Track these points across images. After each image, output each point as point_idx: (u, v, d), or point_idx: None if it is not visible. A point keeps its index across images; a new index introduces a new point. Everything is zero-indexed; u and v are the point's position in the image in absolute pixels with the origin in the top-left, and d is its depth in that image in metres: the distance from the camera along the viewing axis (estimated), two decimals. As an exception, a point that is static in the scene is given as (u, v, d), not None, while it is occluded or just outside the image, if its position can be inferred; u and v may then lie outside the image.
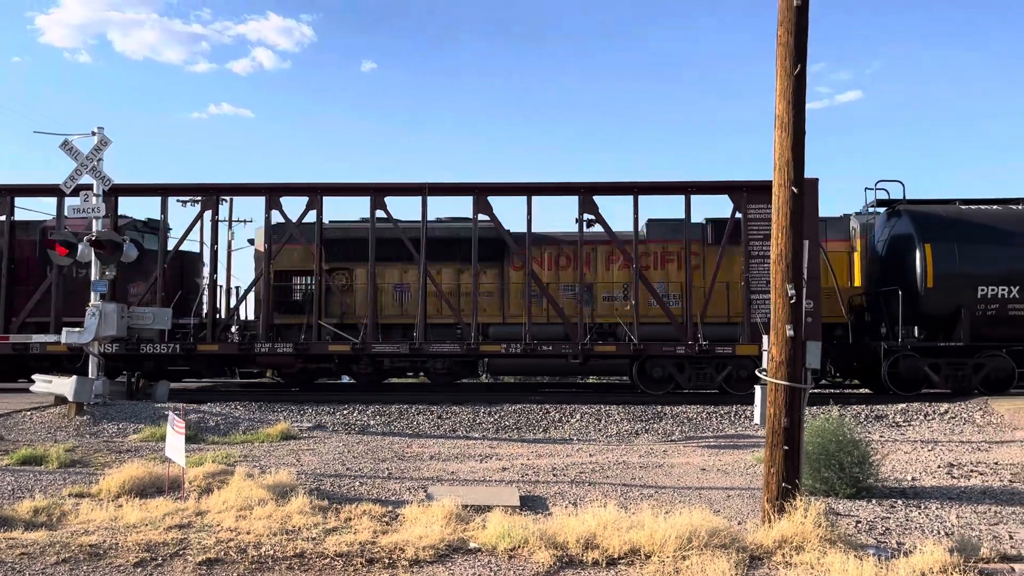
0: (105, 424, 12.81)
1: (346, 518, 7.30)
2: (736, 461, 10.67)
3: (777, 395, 7.05)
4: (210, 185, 18.27)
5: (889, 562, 6.00)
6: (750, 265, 17.16)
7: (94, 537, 6.58)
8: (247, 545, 6.43)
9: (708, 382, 17.36)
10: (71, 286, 17.61)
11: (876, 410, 14.79)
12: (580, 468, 10.04)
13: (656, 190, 18.22)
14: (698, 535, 6.35)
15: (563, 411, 14.81)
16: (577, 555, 6.27)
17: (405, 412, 14.76)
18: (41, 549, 6.26)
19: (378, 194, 17.72)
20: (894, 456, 10.83)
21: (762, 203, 16.72)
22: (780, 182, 7.14)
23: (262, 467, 9.58)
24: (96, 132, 14.04)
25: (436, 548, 6.41)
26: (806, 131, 7.15)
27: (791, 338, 7.02)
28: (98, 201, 14.06)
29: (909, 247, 17.53)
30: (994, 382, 17.13)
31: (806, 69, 7.11)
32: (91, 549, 6.28)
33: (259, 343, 17.46)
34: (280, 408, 14.97)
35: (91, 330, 13.63)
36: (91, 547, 6.32)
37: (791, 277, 7.03)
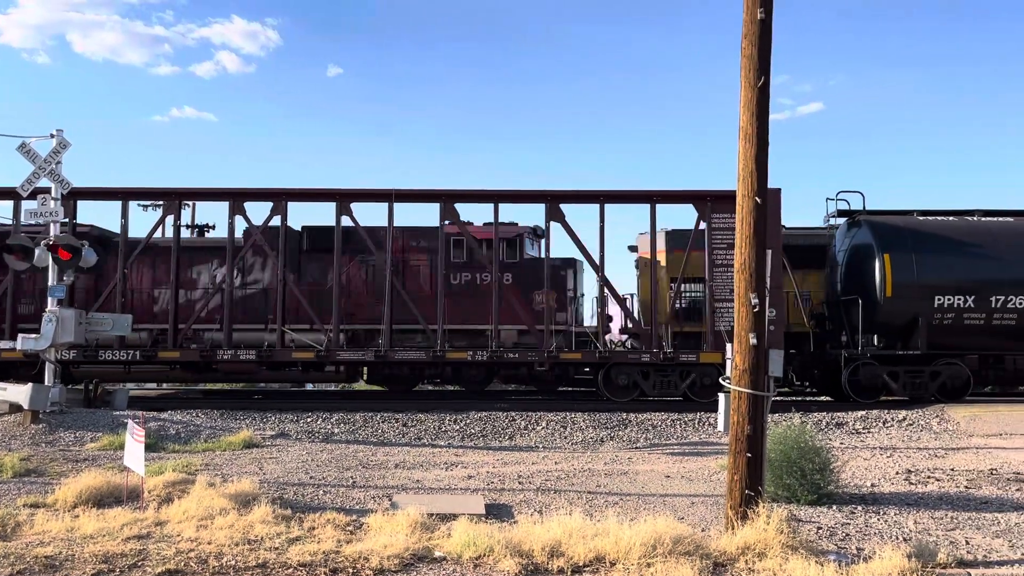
0: (62, 432, 12.54)
1: (310, 527, 7.23)
2: (700, 468, 10.76)
3: (740, 402, 7.13)
4: (172, 189, 18.03)
5: (849, 567, 6.10)
6: (714, 274, 17.34)
7: (50, 548, 6.43)
8: (208, 555, 6.33)
9: (673, 390, 17.49)
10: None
11: (837, 417, 15.01)
12: (546, 476, 10.05)
13: (622, 199, 18.36)
14: (662, 542, 6.39)
15: (529, 419, 14.82)
16: (543, 563, 6.27)
17: (370, 420, 14.66)
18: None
19: (344, 200, 17.62)
20: (854, 463, 11.00)
21: (726, 212, 16.91)
22: (744, 192, 7.24)
23: (224, 476, 9.45)
24: (55, 134, 13.78)
25: (401, 557, 6.36)
26: (769, 142, 7.26)
27: (754, 346, 7.10)
28: (56, 205, 13.79)
29: (869, 257, 17.86)
30: (950, 390, 17.50)
31: (770, 81, 7.23)
32: (47, 560, 6.13)
33: (221, 350, 17.23)
34: (243, 416, 14.78)
35: (48, 336, 13.35)
36: (47, 559, 6.17)
37: (754, 286, 7.12)
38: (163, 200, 18.48)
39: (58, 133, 13.78)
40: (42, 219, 13.86)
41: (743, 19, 7.27)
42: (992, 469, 10.60)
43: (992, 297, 17.23)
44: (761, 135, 7.20)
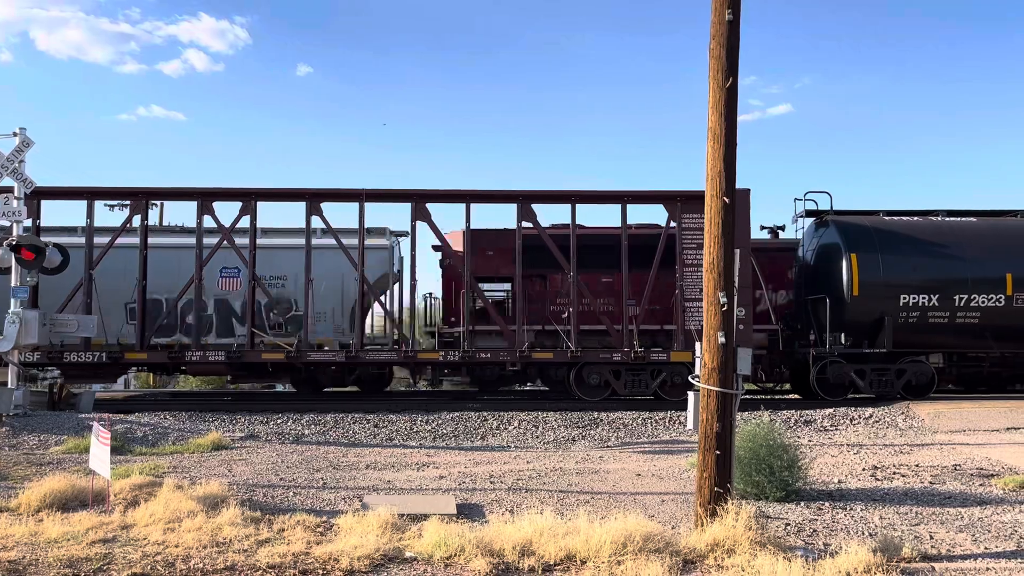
0: (25, 436, 12.33)
1: (279, 529, 7.17)
2: (670, 466, 10.84)
3: (709, 401, 7.19)
4: (139, 189, 17.76)
5: (816, 563, 6.18)
6: (684, 273, 17.46)
7: (13, 553, 6.32)
8: (175, 559, 6.26)
9: (644, 389, 17.59)
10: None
11: (805, 415, 15.20)
12: (517, 475, 10.06)
13: (593, 199, 18.41)
14: (633, 540, 6.43)
15: (501, 418, 14.83)
16: (513, 562, 6.28)
17: (341, 421, 14.57)
18: (-46, 567, 5.99)
19: (314, 199, 17.49)
20: (822, 460, 11.15)
21: (696, 213, 17.04)
22: (712, 192, 7.30)
23: (192, 478, 9.34)
24: (18, 133, 13.54)
25: (371, 558, 6.34)
26: (738, 143, 7.33)
27: (723, 345, 7.17)
28: (19, 204, 13.55)
29: (836, 256, 18.09)
30: (916, 387, 17.77)
31: (738, 82, 7.30)
32: (10, 565, 6.03)
33: (190, 351, 17.03)
34: (212, 418, 14.63)
35: (11, 338, 13.11)
36: (10, 563, 6.07)
37: (723, 285, 7.19)
38: (130, 200, 18.19)
39: (21, 131, 13.55)
40: (4, 219, 13.62)
41: (711, 20, 7.33)
42: (956, 465, 10.79)
43: (956, 296, 17.54)
44: (729, 136, 7.27)
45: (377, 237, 19.52)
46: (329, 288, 18.58)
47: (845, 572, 6.05)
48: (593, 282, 18.04)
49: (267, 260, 17.96)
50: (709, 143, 7.34)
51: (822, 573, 5.97)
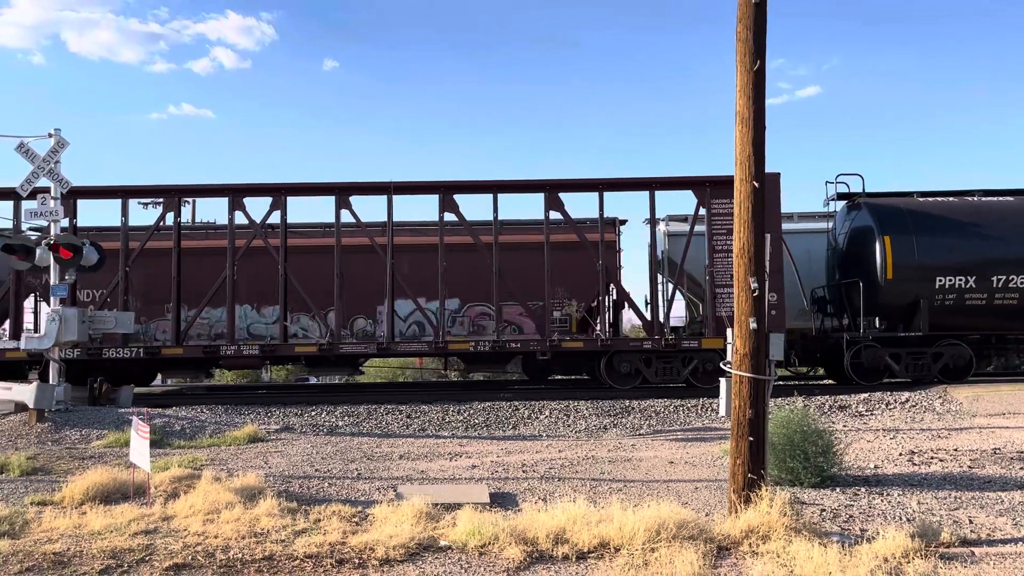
0: (67, 431, 12.58)
1: (315, 519, 7.27)
2: (703, 453, 10.79)
3: (742, 387, 7.15)
4: (172, 187, 18.03)
5: (853, 548, 6.13)
6: (714, 259, 17.35)
7: (58, 545, 6.48)
8: (215, 549, 6.37)
9: (675, 376, 17.53)
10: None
11: (839, 400, 15.05)
12: (549, 464, 10.08)
13: (621, 187, 18.33)
14: (666, 527, 6.43)
15: (532, 408, 14.86)
16: (547, 550, 6.31)
17: (374, 412, 14.70)
18: (4, 559, 6.15)
19: (343, 193, 17.62)
20: (857, 445, 11.04)
21: (725, 198, 16.91)
22: (741, 177, 7.24)
23: (229, 470, 9.49)
24: (53, 134, 13.76)
25: (406, 547, 6.41)
26: (767, 126, 7.25)
27: (755, 330, 7.12)
28: (56, 204, 13.80)
29: (869, 239, 17.84)
30: (953, 370, 17.51)
31: (765, 65, 7.21)
32: (55, 557, 6.18)
33: (225, 346, 17.28)
34: (247, 411, 14.83)
35: (51, 336, 13.38)
36: (55, 555, 6.22)
37: (753, 270, 7.13)
38: (163, 197, 18.49)
39: (56, 132, 13.76)
40: (42, 219, 13.87)
41: (737, 2, 7.25)
42: (995, 448, 10.62)
43: (993, 277, 17.22)
44: (758, 119, 7.19)
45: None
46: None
47: (882, 557, 5.99)
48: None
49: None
50: (737, 127, 7.27)
51: (859, 559, 5.92)
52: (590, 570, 6.00)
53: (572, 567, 6.07)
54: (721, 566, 6.04)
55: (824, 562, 5.79)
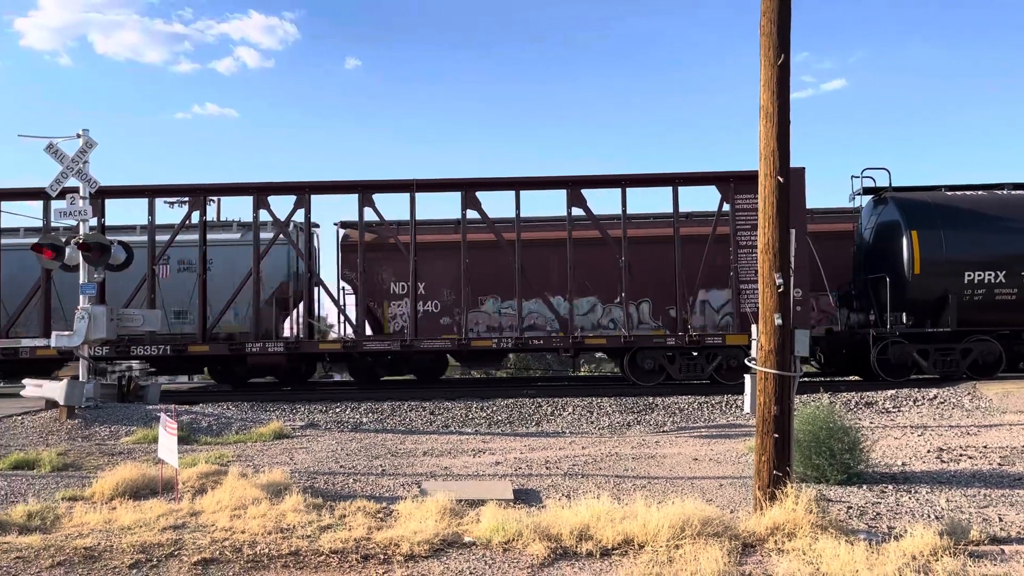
0: (97, 427, 12.77)
1: (340, 515, 7.32)
2: (728, 450, 10.73)
3: (767, 384, 7.10)
4: (197, 186, 18.23)
5: (880, 546, 6.07)
6: (739, 255, 17.25)
7: (89, 540, 6.58)
8: (242, 544, 6.44)
9: (699, 373, 17.45)
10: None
11: (866, 397, 14.90)
12: (573, 461, 10.08)
13: (643, 182, 18.28)
14: (691, 524, 6.40)
15: (555, 404, 14.86)
16: (571, 547, 6.31)
17: (397, 409, 14.77)
18: (36, 553, 6.26)
19: (366, 191, 17.73)
20: (884, 442, 10.92)
21: (749, 193, 16.81)
22: (766, 172, 7.18)
23: (255, 466, 9.58)
24: (81, 134, 13.95)
25: (431, 543, 6.44)
26: (791, 120, 7.19)
27: (779, 326, 7.06)
28: (85, 204, 13.99)
29: (896, 234, 17.64)
30: (982, 366, 17.28)
31: (790, 59, 7.15)
32: (86, 552, 6.28)
33: (250, 343, 17.44)
34: (272, 407, 14.96)
35: (80, 333, 13.57)
36: (86, 550, 6.32)
37: (778, 266, 7.08)
38: (188, 196, 18.70)
39: (84, 133, 13.95)
40: (71, 218, 14.07)
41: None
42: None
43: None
44: (782, 113, 7.13)
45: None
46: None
47: (910, 555, 5.93)
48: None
49: None
50: (761, 122, 7.21)
51: (886, 556, 5.86)
52: (614, 567, 5.99)
53: (596, 564, 6.07)
54: (746, 563, 6.01)
55: (851, 560, 5.74)
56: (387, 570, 5.92)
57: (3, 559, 6.13)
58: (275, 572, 5.93)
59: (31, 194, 18.02)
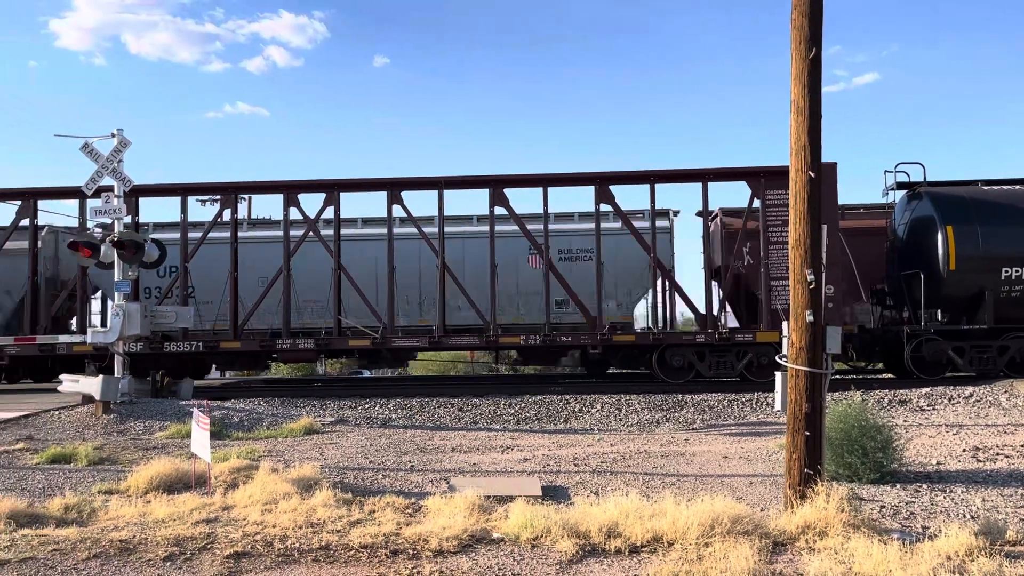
0: (131, 422, 12.97)
1: (370, 510, 7.37)
2: (758, 448, 10.64)
3: (798, 381, 7.04)
4: (228, 184, 18.43)
5: (914, 546, 5.99)
6: (769, 251, 17.07)
7: (124, 532, 6.69)
8: (273, 538, 6.51)
9: (729, 370, 17.30)
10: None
11: (899, 395, 14.69)
12: (601, 458, 10.06)
13: (673, 178, 18.14)
14: (721, 522, 6.36)
15: (583, 401, 14.83)
16: (600, 544, 6.29)
17: (426, 405, 14.84)
18: (72, 545, 6.38)
19: (394, 189, 17.80)
20: (918, 440, 10.77)
21: (780, 189, 16.63)
22: (797, 167, 7.11)
23: (286, 461, 9.68)
24: (115, 134, 14.16)
25: (459, 539, 6.46)
26: (823, 115, 7.11)
27: (811, 323, 6.99)
28: (119, 202, 14.20)
29: (930, 230, 17.35)
30: (1019, 364, 16.94)
31: (821, 52, 7.07)
32: (121, 544, 6.39)
33: (281, 340, 17.60)
34: (303, 403, 15.10)
35: (116, 330, 13.79)
36: (121, 542, 6.43)
37: (810, 262, 7.01)
38: (220, 195, 18.91)
39: (118, 132, 14.16)
40: (106, 216, 14.29)
41: (792, -11, 7.11)
42: (1065, 445, 10.26)
43: (1063, 268, 16.62)
44: (813, 108, 7.05)
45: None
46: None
47: (945, 556, 5.84)
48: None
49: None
50: (792, 116, 7.14)
51: (920, 556, 5.78)
52: (643, 564, 5.97)
53: (625, 561, 6.05)
54: (777, 562, 5.96)
55: (884, 559, 5.67)
56: (416, 566, 5.95)
57: (41, 551, 6.26)
58: (305, 566, 5.99)
59: (68, 193, 18.33)
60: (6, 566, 5.97)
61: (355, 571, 5.87)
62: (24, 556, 6.15)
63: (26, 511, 7.32)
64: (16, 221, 18.46)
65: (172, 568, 5.97)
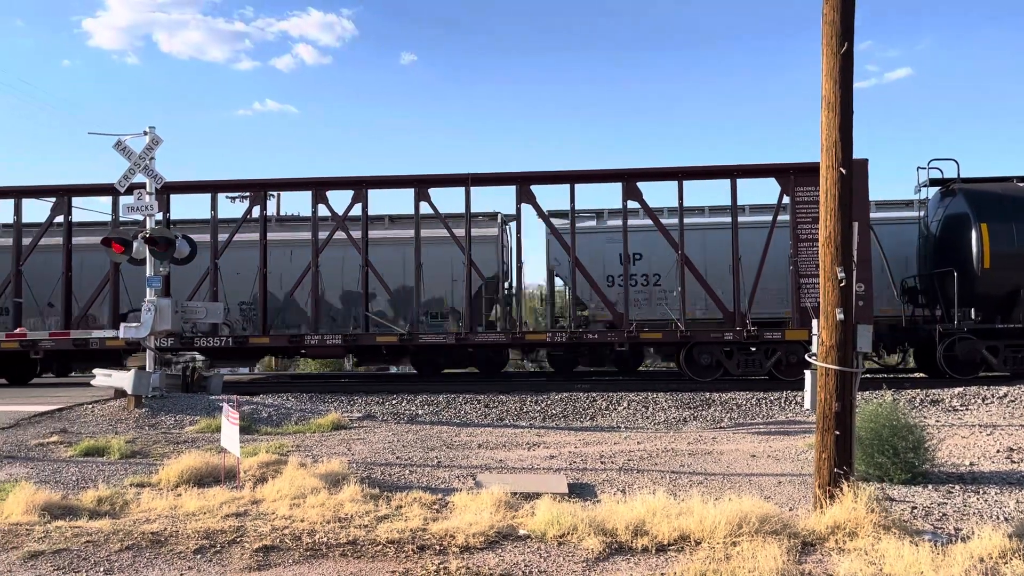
0: (163, 416, 13.15)
1: (397, 506, 7.41)
2: (787, 447, 10.55)
3: (827, 380, 6.96)
4: (258, 181, 18.62)
5: (946, 548, 5.90)
6: (799, 249, 16.91)
7: (155, 525, 6.79)
8: (301, 532, 6.57)
9: (757, 368, 17.16)
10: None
11: (932, 394, 14.47)
12: (628, 455, 10.02)
13: (701, 175, 18.04)
14: (748, 521, 6.31)
15: (610, 399, 14.79)
16: (626, 541, 6.27)
17: (453, 401, 14.88)
18: (105, 537, 6.48)
19: (422, 186, 17.86)
20: (951, 441, 10.60)
21: (810, 185, 16.48)
22: (828, 163, 7.03)
23: (314, 456, 9.75)
24: (148, 132, 14.35)
25: (486, 535, 6.47)
26: (854, 110, 7.02)
27: (841, 321, 6.91)
28: (151, 199, 14.38)
29: (964, 227, 17.09)
30: (1056, 364, 16.65)
31: (853, 47, 6.97)
32: (153, 536, 6.48)
33: (309, 335, 17.75)
34: (331, 399, 15.21)
35: (147, 325, 13.98)
36: (153, 534, 6.52)
37: (840, 260, 6.93)
38: (249, 192, 19.11)
39: (150, 130, 14.34)
40: (138, 213, 14.48)
41: (824, -17, 7.02)
42: (1102, 447, 10.04)
43: (1102, 265, 16.29)
44: (845, 103, 6.96)
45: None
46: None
47: (978, 558, 5.75)
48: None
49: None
50: (823, 112, 7.05)
51: (952, 558, 5.69)
52: (670, 563, 5.94)
53: (652, 559, 6.02)
54: (806, 562, 5.90)
55: (915, 561, 5.59)
56: (443, 561, 5.97)
57: (75, 543, 6.37)
58: (333, 561, 6.03)
59: (101, 190, 18.62)
60: (41, 557, 6.08)
61: (382, 566, 5.90)
62: (58, 547, 6.26)
63: (60, 503, 7.45)
64: (51, 217, 18.78)
65: (202, 561, 6.04)
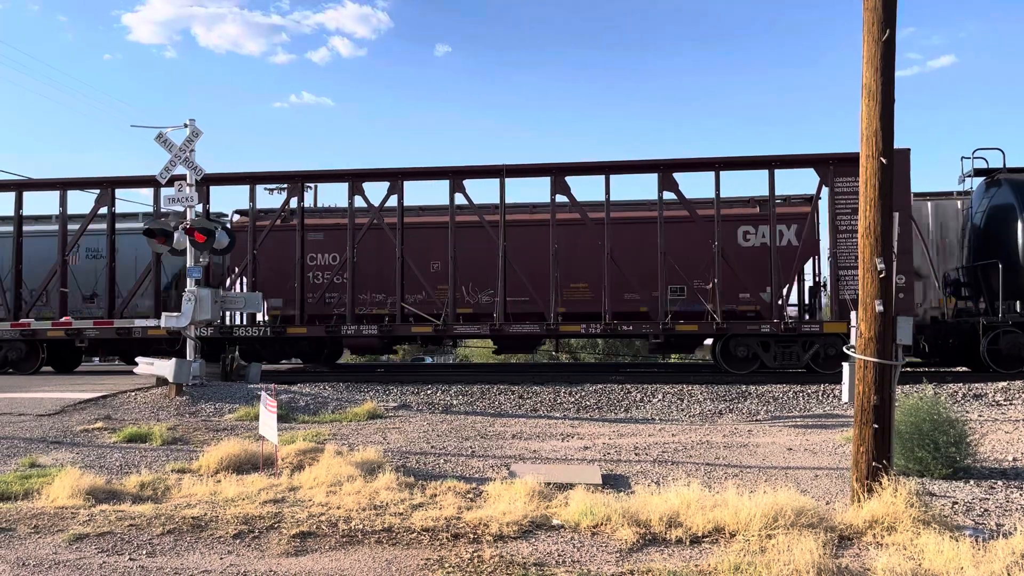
0: (203, 404, 13.38)
1: (432, 494, 7.48)
2: (824, 441, 10.43)
3: (866, 372, 6.86)
4: (295, 172, 18.82)
5: (987, 543, 5.80)
6: (838, 240, 16.66)
7: (196, 510, 6.93)
8: (338, 519, 6.66)
9: (794, 361, 16.98)
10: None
11: (974, 388, 14.20)
12: (662, 447, 9.99)
13: (738, 165, 17.83)
14: (784, 514, 6.26)
15: (644, 391, 14.73)
16: (660, 533, 6.26)
17: (487, 392, 14.93)
18: (148, 521, 6.64)
19: (457, 177, 17.91)
20: (994, 436, 10.40)
21: (850, 176, 16.22)
22: (868, 153, 6.91)
23: (350, 445, 9.87)
24: (188, 124, 14.57)
25: (520, 524, 6.50)
26: (895, 99, 6.89)
27: (880, 313, 6.81)
28: (191, 190, 14.61)
29: (1010, 218, 16.70)
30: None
31: (895, 34, 6.84)
32: (193, 521, 6.62)
33: (346, 326, 17.93)
34: (367, 389, 15.36)
35: (187, 315, 14.23)
36: (193, 519, 6.66)
37: (880, 251, 6.82)
38: (287, 183, 19.33)
39: (191, 123, 14.56)
40: (179, 204, 14.73)
41: (865, -31, 6.89)
42: None
43: None
44: (886, 92, 6.83)
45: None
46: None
47: (1020, 554, 5.64)
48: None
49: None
50: (864, 101, 6.93)
51: (994, 554, 5.59)
52: (704, 554, 5.92)
53: (686, 551, 6.01)
54: (843, 556, 5.84)
55: (955, 556, 5.50)
56: (476, 549, 6.01)
57: (118, 526, 6.53)
58: (369, 548, 6.10)
59: (143, 182, 18.97)
60: (85, 540, 6.25)
61: (417, 553, 5.97)
62: (102, 530, 6.42)
63: (104, 487, 7.64)
64: (95, 208, 19.18)
65: (241, 545, 6.15)
